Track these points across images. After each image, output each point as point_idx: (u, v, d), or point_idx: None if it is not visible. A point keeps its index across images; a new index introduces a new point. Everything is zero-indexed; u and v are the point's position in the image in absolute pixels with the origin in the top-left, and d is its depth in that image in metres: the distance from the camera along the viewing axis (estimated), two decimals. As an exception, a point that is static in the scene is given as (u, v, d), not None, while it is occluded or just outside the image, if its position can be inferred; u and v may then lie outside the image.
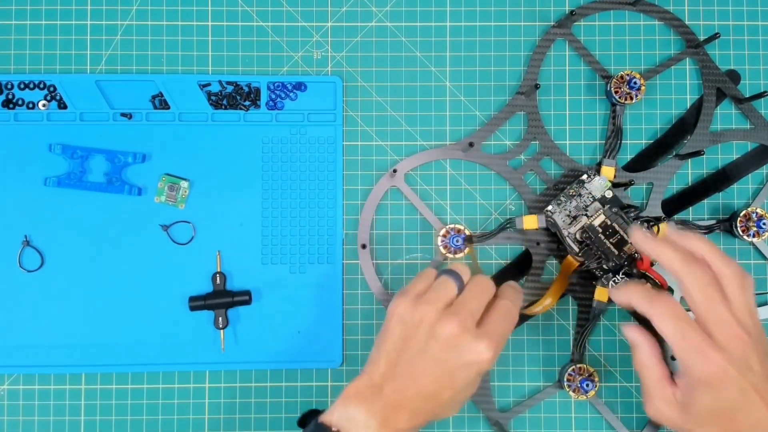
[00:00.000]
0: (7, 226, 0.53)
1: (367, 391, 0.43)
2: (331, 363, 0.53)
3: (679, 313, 0.42)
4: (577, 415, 0.53)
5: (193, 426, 0.53)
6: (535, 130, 0.54)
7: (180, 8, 0.55)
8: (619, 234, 0.50)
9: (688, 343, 0.41)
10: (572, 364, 0.52)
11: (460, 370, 0.43)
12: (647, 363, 0.44)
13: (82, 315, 0.52)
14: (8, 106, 0.53)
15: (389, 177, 0.54)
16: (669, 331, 0.42)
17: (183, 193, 0.53)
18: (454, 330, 0.43)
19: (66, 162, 0.53)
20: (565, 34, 0.54)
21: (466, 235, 0.52)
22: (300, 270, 0.53)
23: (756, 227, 0.52)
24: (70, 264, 0.53)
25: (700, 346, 0.41)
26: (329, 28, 0.55)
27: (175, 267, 0.53)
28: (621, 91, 0.52)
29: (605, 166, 0.52)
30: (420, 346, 0.43)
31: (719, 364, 0.41)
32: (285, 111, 0.54)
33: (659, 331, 0.42)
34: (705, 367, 0.41)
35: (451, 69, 0.55)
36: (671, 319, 0.42)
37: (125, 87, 0.54)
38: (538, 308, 0.51)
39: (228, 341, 0.53)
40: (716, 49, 0.55)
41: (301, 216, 0.54)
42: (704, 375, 0.41)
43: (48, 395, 0.53)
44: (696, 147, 0.53)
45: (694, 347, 0.41)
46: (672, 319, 0.42)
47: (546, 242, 0.53)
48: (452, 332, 0.43)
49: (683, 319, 0.42)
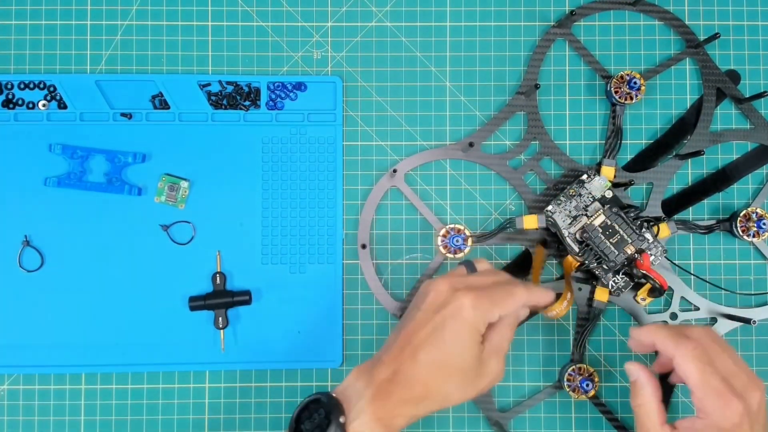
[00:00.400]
0: (7, 226, 0.53)
1: (369, 364, 0.43)
2: (331, 363, 0.53)
3: (705, 356, 0.42)
4: (577, 415, 0.53)
5: (193, 426, 0.53)
6: (535, 130, 0.54)
7: (180, 8, 0.55)
8: (619, 234, 0.50)
9: (710, 388, 0.42)
10: (572, 364, 0.52)
11: (444, 321, 0.42)
12: (649, 406, 0.44)
13: (82, 315, 0.52)
14: (8, 106, 0.53)
15: (389, 177, 0.54)
16: (693, 374, 0.42)
17: (183, 193, 0.53)
18: (442, 287, 0.43)
19: (66, 162, 0.53)
20: (565, 34, 0.54)
21: None
22: (300, 270, 0.53)
23: (756, 227, 0.52)
24: (70, 264, 0.53)
25: (722, 391, 0.42)
26: (329, 28, 0.55)
27: (175, 267, 0.53)
28: (621, 91, 0.52)
29: (605, 166, 0.52)
30: (414, 312, 0.44)
31: (739, 412, 0.41)
32: (285, 111, 0.54)
33: (682, 372, 0.43)
34: (725, 413, 0.41)
35: (451, 69, 0.55)
36: (696, 361, 0.42)
37: (125, 87, 0.54)
38: (555, 311, 0.51)
39: (228, 341, 0.53)
40: (716, 49, 0.55)
41: (301, 216, 0.54)
42: (722, 421, 0.41)
43: (48, 395, 0.53)
44: (696, 147, 0.53)
45: (718, 392, 0.42)
46: (697, 362, 0.42)
47: (546, 242, 0.53)
48: (439, 289, 0.43)
49: (708, 363, 0.42)
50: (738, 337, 0.54)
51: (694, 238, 0.54)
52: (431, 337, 0.42)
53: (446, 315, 0.42)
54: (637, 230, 0.50)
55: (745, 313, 0.53)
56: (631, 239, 0.50)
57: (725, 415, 0.41)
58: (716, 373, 0.42)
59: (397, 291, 0.54)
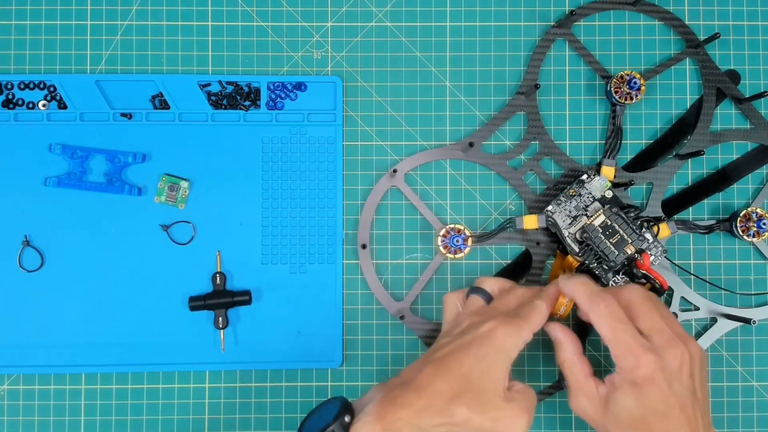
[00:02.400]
0: (7, 226, 0.53)
1: (387, 382, 0.44)
2: (331, 363, 0.53)
3: (617, 314, 0.43)
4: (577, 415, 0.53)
5: (193, 426, 0.53)
6: (535, 130, 0.54)
7: (180, 8, 0.55)
8: (619, 234, 0.50)
9: (622, 344, 0.42)
10: (572, 364, 0.52)
11: (473, 342, 0.42)
12: (571, 359, 0.45)
13: (83, 315, 0.52)
14: (8, 106, 0.53)
15: (389, 177, 0.54)
16: (605, 331, 0.43)
17: (183, 193, 0.53)
18: (473, 318, 0.44)
19: (66, 162, 0.53)
20: (565, 34, 0.54)
21: None
22: (300, 270, 0.53)
23: (756, 227, 0.52)
24: (70, 264, 0.53)
25: (633, 347, 0.42)
26: (329, 28, 0.55)
27: (175, 267, 0.53)
28: (621, 91, 0.52)
29: (605, 166, 0.52)
30: (442, 339, 0.45)
31: (650, 366, 0.42)
32: (285, 111, 0.54)
33: (597, 329, 0.44)
34: (635, 367, 0.42)
35: (451, 69, 0.55)
36: (608, 319, 0.43)
37: (125, 87, 0.54)
38: (558, 312, 0.50)
39: (228, 341, 0.53)
40: (716, 49, 0.55)
41: (301, 216, 0.54)
42: (633, 376, 0.42)
43: (48, 395, 0.53)
44: (696, 147, 0.53)
45: (628, 347, 0.42)
46: (609, 320, 0.43)
47: (546, 242, 0.53)
48: (471, 320, 0.44)
49: (621, 320, 0.43)
50: (738, 337, 0.54)
51: (694, 238, 0.54)
52: (454, 352, 0.42)
53: (475, 336, 0.42)
54: (637, 230, 0.50)
55: (745, 313, 0.53)
56: (631, 239, 0.50)
57: (635, 370, 0.42)
58: (628, 330, 0.43)
59: (397, 291, 0.54)
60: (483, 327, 0.43)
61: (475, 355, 0.42)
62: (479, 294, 0.47)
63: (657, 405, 0.41)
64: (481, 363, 0.41)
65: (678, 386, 0.42)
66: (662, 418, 0.41)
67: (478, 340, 0.42)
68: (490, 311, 0.45)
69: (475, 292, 0.48)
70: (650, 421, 0.41)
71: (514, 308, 0.45)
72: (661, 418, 0.41)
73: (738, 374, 0.54)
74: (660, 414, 0.41)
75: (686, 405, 0.42)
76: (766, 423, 0.53)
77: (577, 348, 0.45)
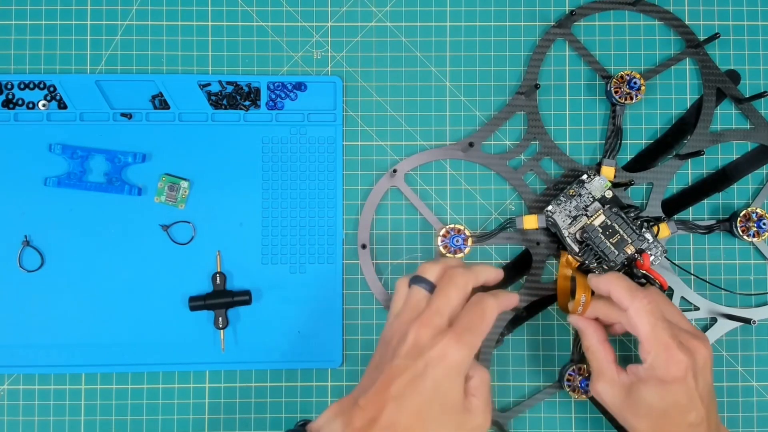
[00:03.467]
0: (7, 226, 0.53)
1: (347, 406, 0.42)
2: (331, 363, 0.53)
3: (658, 311, 0.44)
4: (577, 415, 0.53)
5: (193, 426, 0.53)
6: (535, 130, 0.54)
7: (180, 8, 0.55)
8: (619, 234, 0.50)
9: (659, 341, 0.43)
10: (572, 364, 0.52)
11: (426, 369, 0.41)
12: (596, 346, 0.47)
13: (82, 315, 0.52)
14: (8, 106, 0.53)
15: (389, 177, 0.54)
16: (644, 326, 0.44)
17: (183, 193, 0.53)
18: (419, 331, 0.42)
19: (66, 162, 0.53)
20: (565, 34, 0.54)
21: None
22: (300, 270, 0.53)
23: (756, 227, 0.52)
24: (70, 264, 0.53)
25: (670, 345, 0.43)
26: (329, 28, 0.55)
27: (175, 267, 0.53)
28: (621, 91, 0.52)
29: (605, 166, 0.52)
30: (390, 355, 0.42)
31: (682, 366, 0.43)
32: (285, 111, 0.54)
33: (633, 324, 0.44)
34: (669, 365, 0.43)
35: (451, 69, 0.55)
36: (650, 314, 0.44)
37: (125, 87, 0.54)
38: (575, 312, 0.49)
39: (228, 341, 0.53)
40: (716, 49, 0.55)
41: (301, 216, 0.54)
42: (664, 373, 0.43)
43: (48, 395, 0.53)
44: (696, 147, 0.53)
45: (665, 345, 0.43)
46: (650, 315, 0.44)
47: (546, 242, 0.53)
48: (417, 334, 0.41)
49: (661, 317, 0.44)
50: (738, 337, 0.54)
51: (694, 238, 0.54)
52: (411, 384, 0.40)
53: (428, 362, 0.40)
54: (637, 230, 0.50)
55: (745, 313, 0.53)
56: (631, 239, 0.50)
57: (670, 369, 0.43)
58: (667, 329, 0.44)
59: (397, 291, 0.54)
60: (434, 351, 0.41)
61: (432, 382, 0.40)
62: (421, 284, 0.44)
63: (681, 400, 0.43)
64: (438, 389, 0.40)
65: (702, 382, 0.44)
66: (682, 410, 0.43)
67: (432, 366, 0.40)
68: (433, 317, 0.42)
69: (417, 282, 0.45)
70: (671, 414, 0.43)
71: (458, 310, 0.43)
72: (681, 410, 0.43)
73: (738, 374, 0.54)
74: (682, 408, 0.43)
75: (705, 399, 0.43)
76: (766, 423, 0.53)
77: (600, 335, 0.47)
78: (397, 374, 0.41)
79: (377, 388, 0.41)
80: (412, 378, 0.40)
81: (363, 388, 0.42)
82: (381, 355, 0.43)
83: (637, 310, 0.44)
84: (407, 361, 0.41)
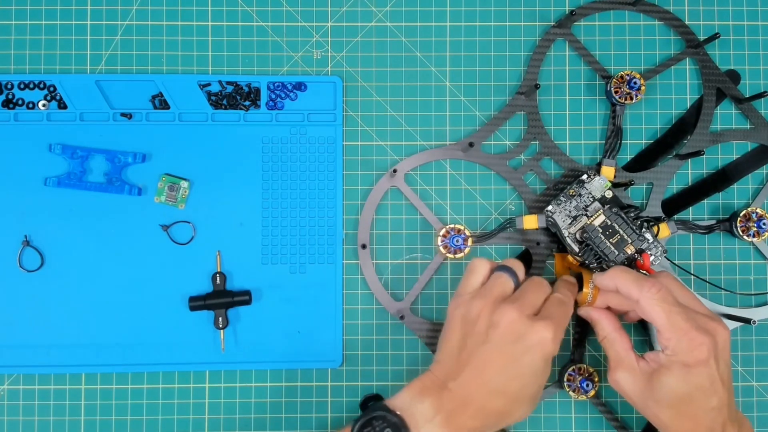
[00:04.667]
0: (7, 226, 0.53)
1: (433, 386, 0.43)
2: (331, 363, 0.53)
3: (669, 297, 0.44)
4: (577, 415, 0.53)
5: (193, 426, 0.53)
6: (535, 130, 0.54)
7: (180, 8, 0.55)
8: (619, 234, 0.50)
9: (677, 327, 0.43)
10: (572, 364, 0.52)
11: (523, 355, 0.43)
12: (612, 335, 0.47)
13: (82, 315, 0.52)
14: (8, 106, 0.53)
15: (389, 177, 0.54)
16: (658, 315, 0.43)
17: (183, 193, 0.53)
18: (513, 316, 0.43)
19: (66, 162, 0.53)
20: (565, 34, 0.54)
21: None
22: (300, 270, 0.53)
23: (756, 227, 0.52)
24: (70, 264, 0.53)
25: (689, 330, 0.43)
26: (329, 28, 0.55)
27: (175, 267, 0.53)
28: (621, 91, 0.52)
29: (605, 166, 0.52)
30: (481, 339, 0.43)
31: (704, 348, 0.43)
32: (285, 111, 0.54)
33: (647, 314, 0.44)
34: (691, 349, 0.43)
35: (451, 69, 0.55)
36: (662, 302, 0.44)
37: (125, 87, 0.54)
38: (585, 301, 0.49)
39: (228, 341, 0.53)
40: (716, 49, 0.55)
41: (301, 216, 0.54)
42: (688, 357, 0.43)
43: (48, 395, 0.53)
44: (696, 147, 0.53)
45: (684, 330, 0.43)
46: (663, 303, 0.44)
47: (546, 242, 0.53)
48: (511, 318, 0.43)
49: (673, 303, 0.44)
50: (738, 337, 0.54)
51: (694, 238, 0.54)
52: (508, 370, 0.42)
53: (527, 347, 0.43)
54: (637, 230, 0.50)
55: (745, 313, 0.53)
56: (631, 239, 0.50)
57: (693, 353, 0.43)
58: (682, 313, 0.43)
59: (397, 291, 0.54)
60: (533, 337, 0.43)
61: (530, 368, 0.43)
62: (509, 274, 0.46)
63: (703, 382, 0.43)
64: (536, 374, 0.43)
65: (722, 365, 0.44)
66: (706, 394, 0.43)
67: (532, 352, 0.43)
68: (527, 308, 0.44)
69: (505, 270, 0.46)
70: (694, 397, 0.43)
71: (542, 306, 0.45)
72: (704, 394, 0.43)
73: (738, 374, 0.54)
74: (704, 390, 0.43)
75: (725, 382, 0.44)
76: (766, 423, 0.53)
77: (615, 324, 0.47)
78: (491, 358, 0.42)
79: (471, 372, 0.43)
80: (508, 363, 0.42)
81: (446, 368, 0.44)
82: (464, 334, 0.44)
83: (647, 300, 0.44)
84: (503, 346, 0.42)
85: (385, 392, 0.53)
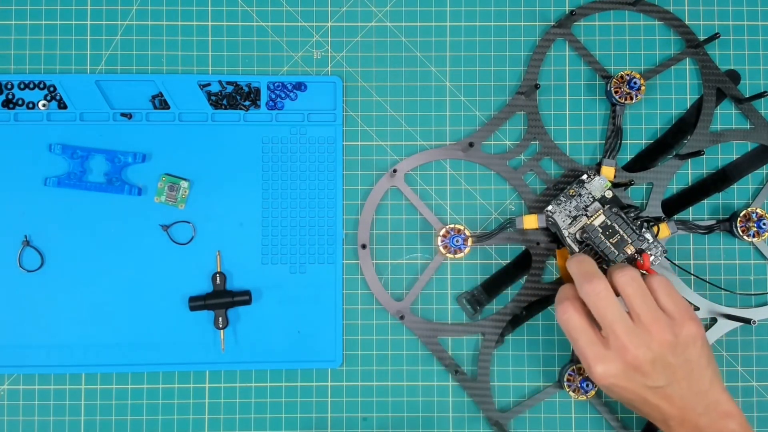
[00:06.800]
0: (7, 226, 0.53)
1: None
2: (331, 363, 0.53)
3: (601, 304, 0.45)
4: (577, 415, 0.53)
5: (193, 426, 0.53)
6: (535, 130, 0.54)
7: (180, 8, 0.55)
8: (619, 234, 0.50)
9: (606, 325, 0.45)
10: (572, 364, 0.52)
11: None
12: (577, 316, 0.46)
13: (82, 315, 0.52)
14: (8, 106, 0.53)
15: (389, 177, 0.54)
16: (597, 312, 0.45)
17: (183, 193, 0.53)
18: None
19: (66, 162, 0.53)
20: (565, 34, 0.54)
21: None
22: (300, 270, 0.53)
23: (756, 227, 0.52)
24: (70, 264, 0.53)
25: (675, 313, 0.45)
26: (329, 28, 0.55)
27: (175, 267, 0.53)
28: (621, 91, 0.52)
29: (605, 166, 0.52)
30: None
31: (692, 330, 0.45)
32: (285, 111, 0.54)
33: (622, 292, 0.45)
34: (690, 325, 0.45)
35: (451, 69, 0.55)
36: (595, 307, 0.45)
37: (125, 87, 0.54)
38: None
39: (228, 341, 0.53)
40: (716, 49, 0.55)
41: (301, 216, 0.54)
42: (685, 337, 0.44)
43: (48, 395, 0.53)
44: (696, 147, 0.53)
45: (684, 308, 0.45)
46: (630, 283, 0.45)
47: (546, 242, 0.53)
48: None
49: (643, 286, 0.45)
50: (738, 337, 0.54)
51: (694, 238, 0.54)
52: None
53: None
54: (637, 230, 0.50)
55: (745, 313, 0.53)
56: (631, 239, 0.50)
57: (690, 329, 0.45)
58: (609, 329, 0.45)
59: (397, 291, 0.54)
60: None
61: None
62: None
63: (700, 360, 0.45)
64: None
65: (706, 347, 0.46)
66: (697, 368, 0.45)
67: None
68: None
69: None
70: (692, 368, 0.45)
71: None
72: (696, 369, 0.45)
73: (738, 374, 0.54)
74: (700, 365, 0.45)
75: (711, 360, 0.46)
76: (766, 423, 0.53)
77: None
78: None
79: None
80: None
81: None
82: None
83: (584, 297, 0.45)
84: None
85: (385, 392, 0.53)
